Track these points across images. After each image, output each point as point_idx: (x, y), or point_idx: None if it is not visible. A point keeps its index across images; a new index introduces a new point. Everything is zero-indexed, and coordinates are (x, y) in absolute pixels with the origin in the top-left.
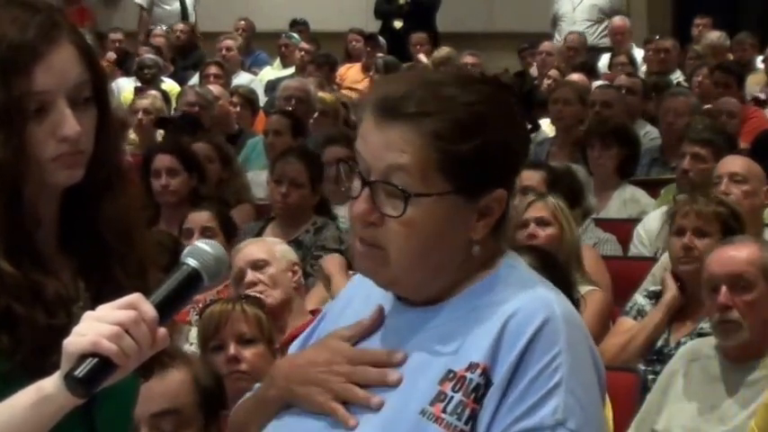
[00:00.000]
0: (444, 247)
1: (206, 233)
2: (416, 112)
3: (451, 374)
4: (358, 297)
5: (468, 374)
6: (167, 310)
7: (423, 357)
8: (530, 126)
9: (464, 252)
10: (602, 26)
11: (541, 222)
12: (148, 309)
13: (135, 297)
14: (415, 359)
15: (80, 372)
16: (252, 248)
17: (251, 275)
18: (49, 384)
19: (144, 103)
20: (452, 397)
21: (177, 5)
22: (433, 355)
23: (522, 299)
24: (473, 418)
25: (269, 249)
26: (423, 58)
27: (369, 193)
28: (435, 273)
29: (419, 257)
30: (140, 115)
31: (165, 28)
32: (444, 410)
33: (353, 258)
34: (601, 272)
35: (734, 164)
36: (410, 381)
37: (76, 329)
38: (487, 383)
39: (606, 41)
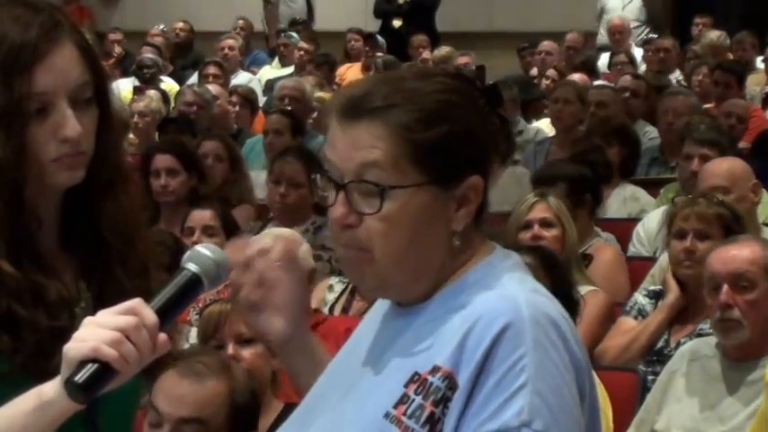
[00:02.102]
0: (427, 241)
1: (207, 231)
2: (381, 105)
3: (416, 377)
4: (371, 313)
5: (430, 378)
6: (168, 315)
7: (398, 360)
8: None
9: (447, 245)
10: (647, 29)
11: (545, 223)
12: (149, 314)
13: (135, 302)
14: (392, 362)
15: (80, 377)
16: None
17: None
18: (49, 390)
19: (140, 105)
20: (414, 400)
21: (303, 3)
22: (406, 358)
23: (489, 301)
24: (431, 422)
25: None
26: (425, 58)
27: (344, 197)
28: (421, 269)
29: (403, 253)
30: (136, 118)
31: (162, 27)
32: (405, 413)
33: (341, 265)
34: (622, 274)
35: (715, 174)
36: (382, 383)
37: (77, 335)
38: (452, 387)
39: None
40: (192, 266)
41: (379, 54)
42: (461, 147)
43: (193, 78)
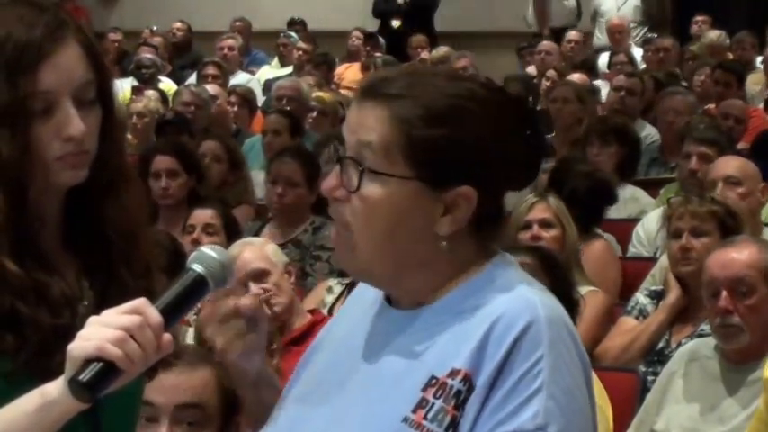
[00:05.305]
0: (407, 236)
1: (207, 230)
2: (392, 93)
3: (434, 381)
4: (355, 306)
5: (450, 381)
6: (172, 315)
7: (406, 362)
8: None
9: (430, 247)
10: (644, 30)
11: (545, 224)
12: (153, 314)
13: (140, 302)
14: (398, 363)
15: (84, 376)
16: (248, 256)
17: (255, 289)
18: (53, 389)
19: (138, 106)
20: (434, 404)
21: (573, 1)
22: (417, 361)
23: (506, 302)
24: (453, 425)
25: (265, 256)
26: (423, 58)
27: (339, 169)
28: (403, 264)
29: (381, 242)
30: (134, 119)
31: (154, 27)
32: (426, 417)
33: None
34: (612, 267)
35: (728, 166)
36: (393, 386)
37: (81, 334)
38: (470, 389)
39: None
40: (197, 267)
41: (378, 54)
42: (458, 154)
43: (192, 78)
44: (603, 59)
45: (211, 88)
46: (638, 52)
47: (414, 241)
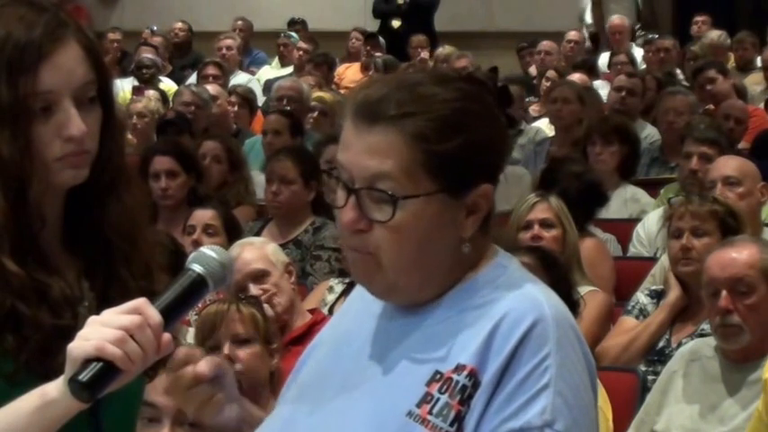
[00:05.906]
0: (436, 248)
1: (208, 231)
2: (397, 113)
3: (438, 376)
4: (355, 305)
5: (455, 376)
6: (172, 315)
7: (411, 359)
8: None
9: (456, 251)
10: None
11: (545, 224)
12: (153, 314)
13: (140, 302)
14: (403, 359)
15: (84, 376)
16: (247, 257)
17: (254, 290)
18: (53, 389)
19: (138, 106)
20: (439, 398)
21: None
22: (422, 357)
23: (512, 300)
24: (459, 420)
25: (264, 256)
26: (423, 58)
27: (355, 201)
28: (430, 275)
29: (413, 260)
30: (135, 119)
31: (153, 28)
32: (431, 412)
33: (350, 269)
34: (604, 265)
35: (726, 166)
36: (398, 383)
37: (81, 334)
38: (475, 385)
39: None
40: (196, 267)
41: (378, 54)
42: (476, 156)
43: (192, 78)
44: (603, 59)
45: (212, 88)
46: (638, 52)
47: (441, 250)
